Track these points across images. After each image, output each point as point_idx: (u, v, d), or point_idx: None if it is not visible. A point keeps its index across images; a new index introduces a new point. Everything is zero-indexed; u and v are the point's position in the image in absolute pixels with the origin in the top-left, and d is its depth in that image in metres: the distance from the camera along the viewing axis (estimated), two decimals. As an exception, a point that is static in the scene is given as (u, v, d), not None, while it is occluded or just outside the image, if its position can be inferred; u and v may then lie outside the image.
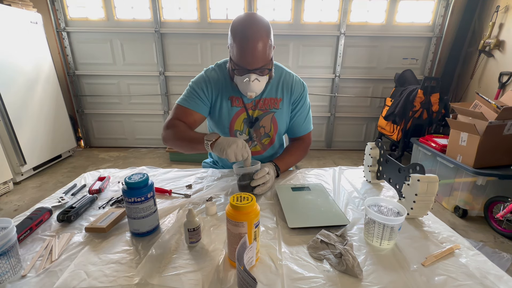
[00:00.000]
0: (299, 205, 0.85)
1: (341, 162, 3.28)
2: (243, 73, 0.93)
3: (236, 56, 0.91)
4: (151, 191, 0.69)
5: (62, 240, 0.69)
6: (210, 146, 0.89)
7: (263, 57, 0.90)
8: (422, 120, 2.81)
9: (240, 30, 0.88)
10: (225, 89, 1.08)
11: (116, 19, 3.22)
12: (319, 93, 3.50)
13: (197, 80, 1.09)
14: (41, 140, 2.82)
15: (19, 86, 2.57)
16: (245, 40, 0.87)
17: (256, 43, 0.87)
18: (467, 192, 2.04)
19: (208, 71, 1.10)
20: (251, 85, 0.94)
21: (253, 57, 0.89)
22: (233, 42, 0.90)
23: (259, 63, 0.91)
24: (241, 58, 0.90)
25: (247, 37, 0.86)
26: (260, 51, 0.88)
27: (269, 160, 1.10)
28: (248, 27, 0.87)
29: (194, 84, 1.08)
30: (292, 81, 1.12)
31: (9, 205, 2.25)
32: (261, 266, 0.61)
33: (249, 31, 0.86)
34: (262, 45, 0.88)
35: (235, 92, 1.08)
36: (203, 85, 1.07)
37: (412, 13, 3.24)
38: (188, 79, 1.13)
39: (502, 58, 2.73)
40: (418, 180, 0.74)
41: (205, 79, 1.08)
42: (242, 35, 0.87)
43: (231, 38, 0.91)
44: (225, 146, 0.85)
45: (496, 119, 1.85)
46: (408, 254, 0.65)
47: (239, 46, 0.88)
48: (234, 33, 0.89)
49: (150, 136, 3.70)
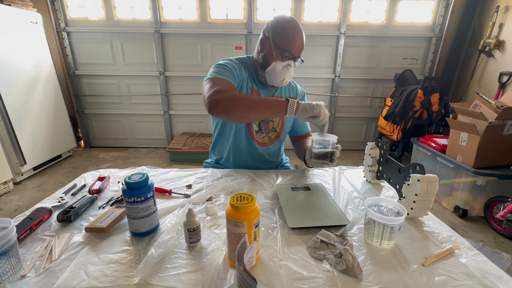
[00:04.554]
0: (299, 205, 0.85)
1: (341, 162, 3.28)
2: (287, 59, 1.03)
3: (285, 42, 1.01)
4: (151, 191, 0.69)
5: (62, 240, 0.69)
6: (296, 105, 0.91)
7: (303, 48, 1.06)
8: (422, 120, 2.81)
9: (290, 23, 1.02)
10: (248, 78, 1.12)
11: (116, 19, 3.21)
12: (319, 93, 3.50)
13: (226, 62, 1.07)
14: (41, 140, 2.82)
15: (19, 86, 2.57)
16: (297, 31, 1.01)
17: (303, 35, 1.03)
18: (467, 192, 2.04)
19: (232, 59, 1.11)
20: (290, 70, 1.05)
21: (300, 44, 1.03)
22: (283, 31, 1.01)
23: (301, 51, 1.05)
24: (291, 44, 1.01)
25: (298, 29, 1.02)
26: (304, 42, 1.04)
27: (277, 152, 1.26)
28: (296, 22, 1.03)
29: (224, 63, 1.06)
30: (296, 88, 1.26)
31: (9, 205, 2.25)
32: (261, 266, 0.61)
33: (298, 25, 1.02)
34: (304, 39, 1.04)
35: (254, 84, 1.13)
36: (235, 66, 1.07)
37: (412, 13, 3.24)
38: (188, 79, 1.13)
39: (502, 58, 2.73)
40: (418, 180, 0.74)
41: (234, 61, 1.09)
42: (293, 27, 1.01)
43: (279, 28, 1.02)
44: (315, 104, 0.91)
45: (496, 119, 1.84)
46: (408, 254, 0.65)
47: (291, 34, 1.01)
48: (285, 24, 1.02)
49: (150, 136, 3.70)
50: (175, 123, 3.67)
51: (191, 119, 3.64)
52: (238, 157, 1.20)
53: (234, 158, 1.21)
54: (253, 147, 1.19)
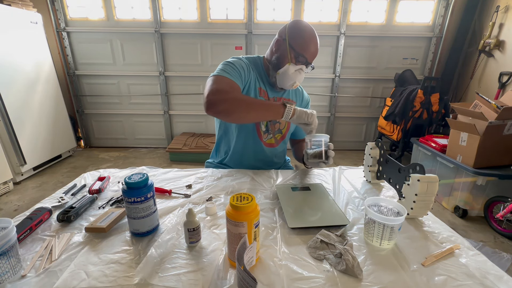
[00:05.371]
0: (299, 205, 0.85)
1: (341, 162, 3.28)
2: (301, 63, 1.04)
3: (301, 46, 1.02)
4: (151, 191, 0.69)
5: (62, 240, 0.69)
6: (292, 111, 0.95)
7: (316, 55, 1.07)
8: (422, 120, 2.81)
9: (308, 29, 1.03)
10: (257, 79, 1.11)
11: (116, 19, 3.21)
12: (319, 93, 3.50)
13: (235, 60, 1.05)
14: (41, 140, 2.82)
15: (19, 86, 2.57)
16: (314, 38, 1.03)
17: (318, 42, 1.04)
18: (467, 192, 2.04)
19: (242, 58, 1.10)
20: (302, 74, 1.07)
21: (315, 51, 1.04)
22: (301, 35, 1.02)
23: (314, 58, 1.06)
24: (307, 49, 1.02)
25: (314, 36, 1.03)
26: (318, 49, 1.05)
27: (283, 154, 1.28)
28: (314, 30, 1.03)
29: (233, 61, 1.04)
30: (302, 92, 1.27)
31: (9, 205, 2.25)
32: (261, 266, 0.61)
33: (315, 33, 1.03)
34: (318, 46, 1.05)
35: (263, 85, 1.13)
36: (243, 65, 1.05)
37: (412, 13, 3.24)
38: (188, 79, 1.14)
39: (502, 58, 2.73)
40: (418, 180, 0.74)
41: (243, 61, 1.07)
42: (311, 33, 1.02)
43: (297, 31, 1.02)
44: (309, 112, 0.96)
45: (496, 119, 1.84)
46: (408, 254, 0.65)
47: (308, 40, 1.02)
48: (303, 29, 1.02)
49: (150, 136, 3.70)
50: (175, 123, 3.68)
51: (191, 119, 3.64)
52: (244, 157, 1.19)
53: (240, 158, 1.20)
54: (261, 147, 1.18)
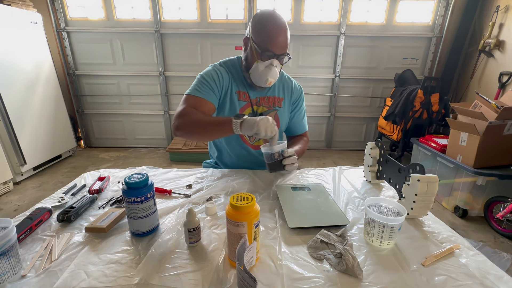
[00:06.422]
0: (299, 205, 0.85)
1: (341, 162, 3.28)
2: (269, 58, 1.00)
3: (265, 41, 0.98)
4: (151, 191, 0.69)
5: (62, 240, 0.69)
6: (239, 124, 0.89)
7: (287, 44, 1.01)
8: (422, 120, 2.81)
9: (270, 19, 0.97)
10: (233, 83, 1.11)
11: (116, 19, 3.21)
12: (319, 93, 3.50)
13: (207, 72, 1.08)
14: (41, 140, 2.82)
15: (19, 86, 2.56)
16: (277, 27, 0.96)
17: (285, 31, 0.98)
18: (467, 192, 2.04)
19: (216, 65, 1.12)
20: (273, 70, 1.01)
21: (282, 42, 0.98)
22: (262, 29, 0.97)
23: (285, 48, 1.00)
24: (272, 42, 0.97)
25: (278, 25, 0.97)
26: (287, 38, 1.00)
27: None
28: (277, 17, 0.98)
29: (205, 75, 1.07)
30: (292, 84, 1.22)
31: (9, 205, 2.25)
32: (261, 266, 0.61)
33: (278, 21, 0.97)
34: (287, 35, 1.00)
35: (242, 87, 1.12)
36: (215, 76, 1.07)
37: (412, 13, 3.23)
38: (188, 79, 1.14)
39: (502, 58, 2.73)
40: (418, 180, 0.74)
41: (215, 71, 1.08)
42: (273, 23, 0.97)
43: (258, 25, 0.98)
44: (256, 121, 0.87)
45: (496, 119, 1.84)
46: (408, 254, 0.65)
47: (270, 32, 0.96)
48: (264, 21, 0.97)
49: (150, 136, 3.70)
50: (175, 123, 3.67)
51: (191, 119, 3.64)
52: (232, 160, 1.20)
53: (230, 161, 1.21)
54: (248, 151, 1.18)
